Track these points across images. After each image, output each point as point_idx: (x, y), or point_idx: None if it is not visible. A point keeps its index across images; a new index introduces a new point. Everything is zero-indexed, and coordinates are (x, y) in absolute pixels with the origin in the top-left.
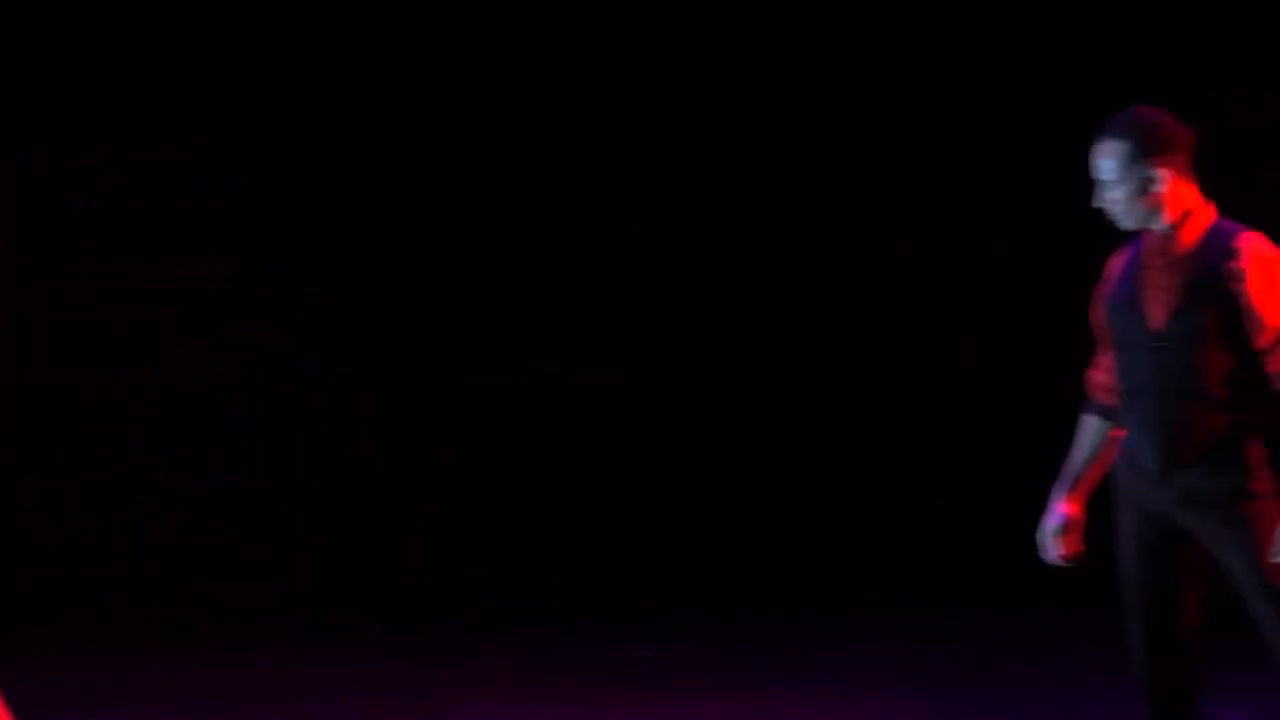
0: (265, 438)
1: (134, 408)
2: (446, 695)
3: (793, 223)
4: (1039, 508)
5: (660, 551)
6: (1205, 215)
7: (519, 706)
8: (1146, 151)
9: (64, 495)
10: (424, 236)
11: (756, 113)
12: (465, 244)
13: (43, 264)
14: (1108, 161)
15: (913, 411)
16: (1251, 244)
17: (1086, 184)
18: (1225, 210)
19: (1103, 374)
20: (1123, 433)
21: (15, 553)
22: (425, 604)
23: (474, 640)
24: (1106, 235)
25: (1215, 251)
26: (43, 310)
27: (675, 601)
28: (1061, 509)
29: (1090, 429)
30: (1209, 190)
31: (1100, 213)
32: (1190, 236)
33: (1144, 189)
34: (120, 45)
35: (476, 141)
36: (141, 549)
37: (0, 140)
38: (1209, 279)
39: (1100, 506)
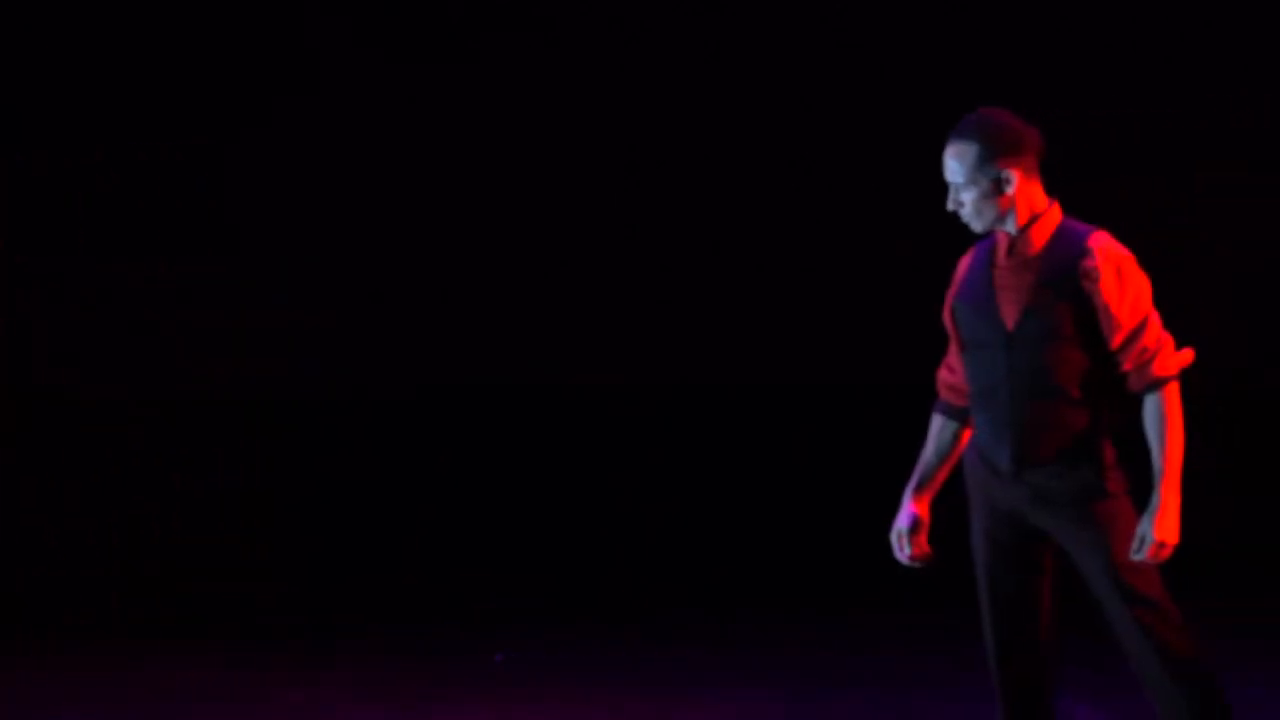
0: (266, 439)
1: (134, 408)
2: (446, 694)
3: (793, 222)
4: None
5: (660, 551)
6: (1053, 215)
7: (518, 705)
8: (995, 153)
9: (64, 496)
10: (423, 236)
11: (756, 113)
12: (465, 244)
13: (43, 264)
14: (956, 163)
15: (912, 411)
16: (1102, 243)
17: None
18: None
19: (950, 374)
20: (971, 431)
21: (15, 553)
22: (424, 604)
23: (473, 640)
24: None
25: (1067, 251)
26: (43, 310)
27: (675, 601)
28: (911, 509)
29: (938, 429)
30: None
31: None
32: (1040, 236)
33: (995, 190)
34: (118, 45)
35: (476, 142)
36: (141, 549)
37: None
38: (1061, 278)
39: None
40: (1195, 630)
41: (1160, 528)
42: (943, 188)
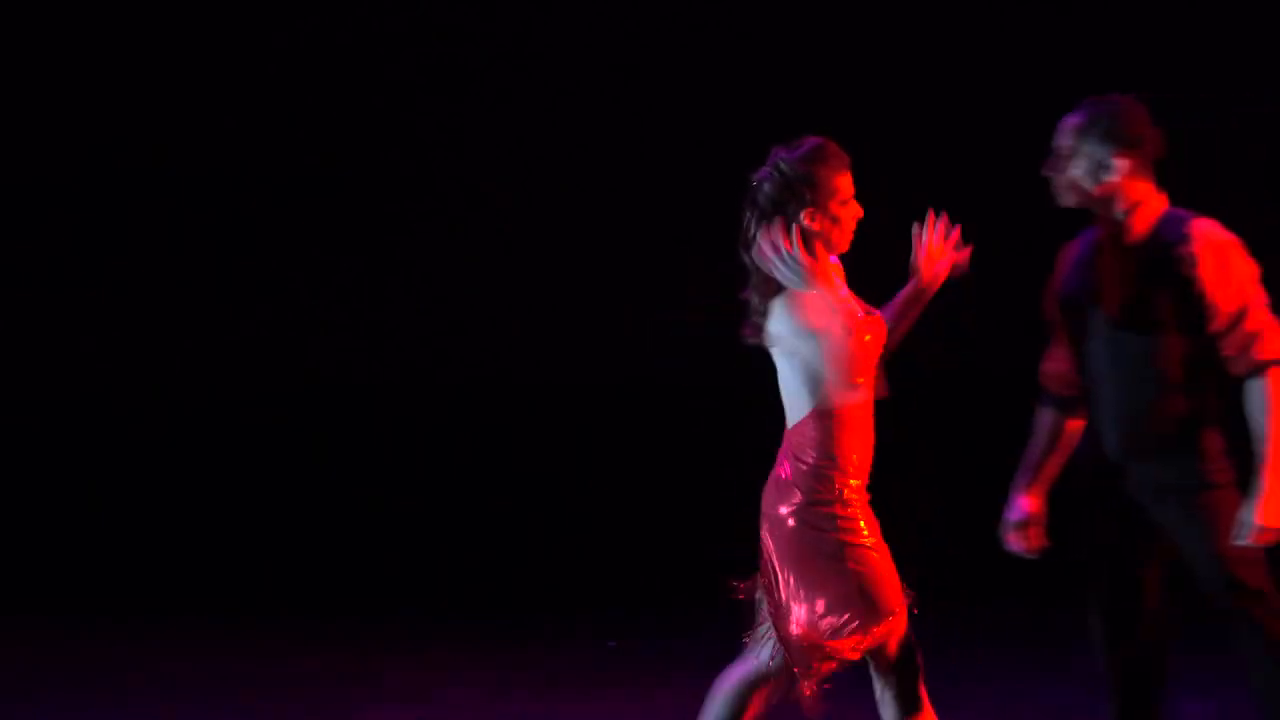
0: (264, 437)
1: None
2: (446, 688)
3: None
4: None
5: (658, 551)
6: (1157, 204)
7: (517, 693)
8: (1109, 138)
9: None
10: (424, 237)
11: (756, 112)
12: (465, 244)
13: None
14: (1073, 134)
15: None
16: (1203, 229)
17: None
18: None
19: (1056, 364)
20: (1080, 424)
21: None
22: (422, 603)
23: (469, 636)
24: None
25: (1167, 237)
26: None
27: (675, 601)
28: (1022, 503)
29: (1047, 421)
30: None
31: (1048, 184)
32: (1142, 225)
33: (1095, 174)
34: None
35: (477, 142)
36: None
37: None
38: (1161, 265)
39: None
40: None
41: (1263, 511)
42: (941, 191)
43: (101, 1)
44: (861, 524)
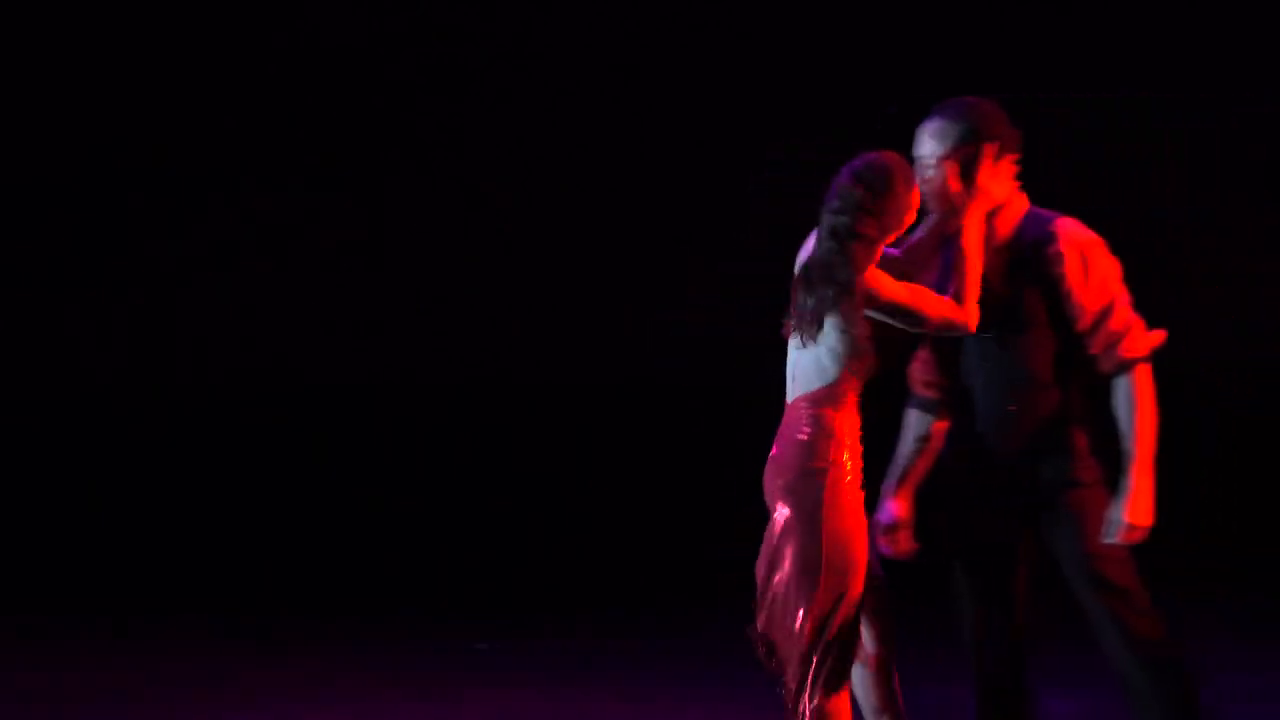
0: (264, 437)
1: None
2: (446, 687)
3: (792, 222)
4: None
5: (658, 551)
6: (1019, 204)
7: (518, 691)
8: (974, 139)
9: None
10: (424, 237)
11: (756, 112)
12: (465, 244)
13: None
14: (935, 141)
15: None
16: (1068, 228)
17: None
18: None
19: (921, 366)
20: (945, 425)
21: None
22: (422, 603)
23: (469, 636)
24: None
25: (1032, 237)
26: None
27: (675, 601)
28: (890, 507)
29: (912, 422)
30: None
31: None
32: (1006, 226)
33: (965, 175)
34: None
35: (477, 142)
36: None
37: None
38: (1028, 264)
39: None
40: (1167, 620)
41: (1131, 511)
42: None
43: (102, 1)
44: (845, 503)
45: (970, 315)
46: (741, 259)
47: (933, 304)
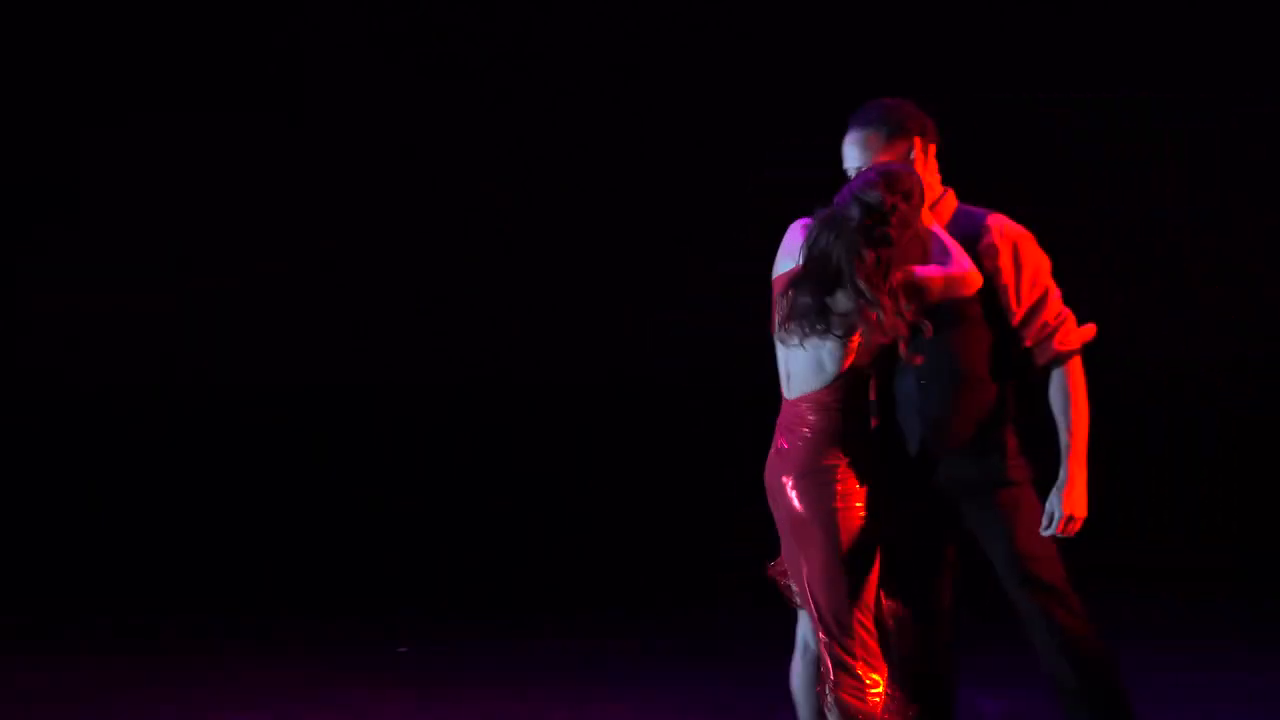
0: (265, 437)
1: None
2: (446, 686)
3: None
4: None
5: (658, 551)
6: (949, 200)
7: (517, 691)
8: (903, 134)
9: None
10: (424, 237)
11: (756, 112)
12: (465, 244)
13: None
14: (859, 149)
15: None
16: (999, 222)
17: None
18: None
19: None
20: (873, 423)
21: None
22: (422, 603)
23: (469, 636)
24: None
25: (965, 232)
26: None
27: (674, 601)
28: None
29: None
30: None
31: None
32: (939, 221)
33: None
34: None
35: (477, 142)
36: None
37: None
38: None
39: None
40: (1096, 618)
41: (1068, 502)
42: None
43: (102, 1)
44: (856, 499)
45: (971, 268)
46: (741, 259)
47: (938, 271)
